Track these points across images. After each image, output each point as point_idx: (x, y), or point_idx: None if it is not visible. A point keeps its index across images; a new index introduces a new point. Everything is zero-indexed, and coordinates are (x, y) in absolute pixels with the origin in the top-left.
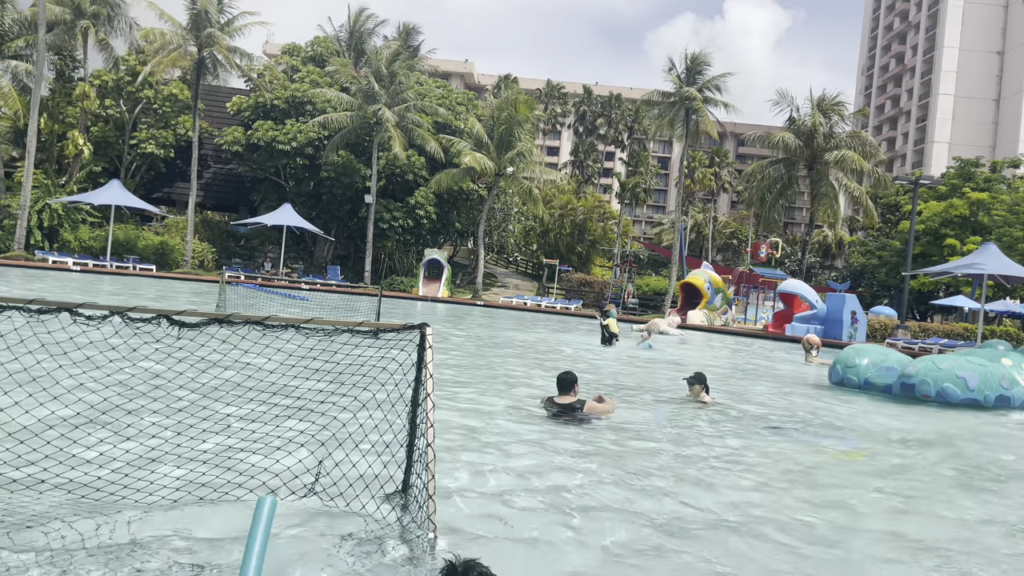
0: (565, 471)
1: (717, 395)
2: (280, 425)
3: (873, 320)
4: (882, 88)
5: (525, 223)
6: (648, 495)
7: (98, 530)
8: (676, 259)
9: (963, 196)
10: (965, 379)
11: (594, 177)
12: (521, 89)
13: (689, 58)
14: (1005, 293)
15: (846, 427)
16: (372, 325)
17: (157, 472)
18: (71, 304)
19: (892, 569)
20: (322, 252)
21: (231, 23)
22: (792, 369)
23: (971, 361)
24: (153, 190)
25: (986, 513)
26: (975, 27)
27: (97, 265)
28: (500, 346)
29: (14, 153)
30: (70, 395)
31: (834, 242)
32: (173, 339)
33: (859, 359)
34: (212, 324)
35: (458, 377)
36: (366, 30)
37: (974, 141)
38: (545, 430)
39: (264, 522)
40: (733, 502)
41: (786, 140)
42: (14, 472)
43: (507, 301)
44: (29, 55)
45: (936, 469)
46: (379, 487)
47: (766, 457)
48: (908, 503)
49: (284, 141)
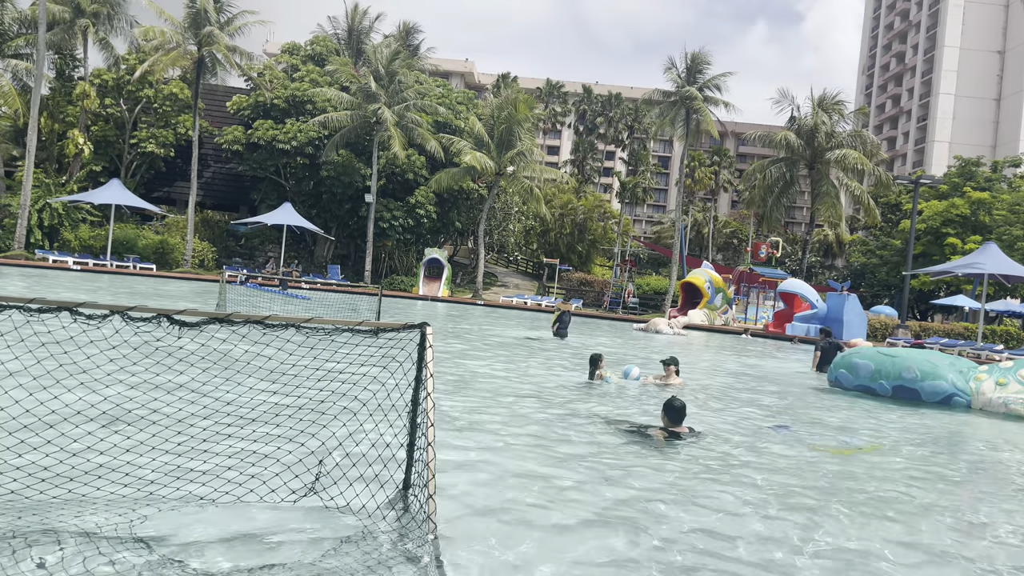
0: (567, 471)
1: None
2: (280, 424)
3: (874, 320)
4: (883, 87)
5: (525, 222)
6: (647, 496)
7: (98, 530)
8: (676, 258)
9: (964, 195)
10: (858, 366)
11: (594, 176)
12: (520, 88)
13: (689, 57)
14: (1006, 292)
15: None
16: (372, 325)
17: (156, 472)
18: (71, 303)
19: (890, 569)
20: (322, 251)
21: (231, 22)
22: (777, 365)
23: (883, 352)
24: (153, 189)
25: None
26: (976, 26)
27: (97, 264)
28: (500, 345)
29: (14, 152)
30: (70, 394)
31: (834, 241)
32: (174, 338)
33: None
34: (212, 324)
35: (458, 377)
36: (364, 28)
37: (975, 140)
38: (546, 430)
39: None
40: (732, 500)
41: (787, 139)
42: (14, 472)
43: (507, 300)
44: (29, 54)
45: (934, 470)
46: (379, 487)
47: (764, 456)
48: (886, 504)
49: (284, 140)
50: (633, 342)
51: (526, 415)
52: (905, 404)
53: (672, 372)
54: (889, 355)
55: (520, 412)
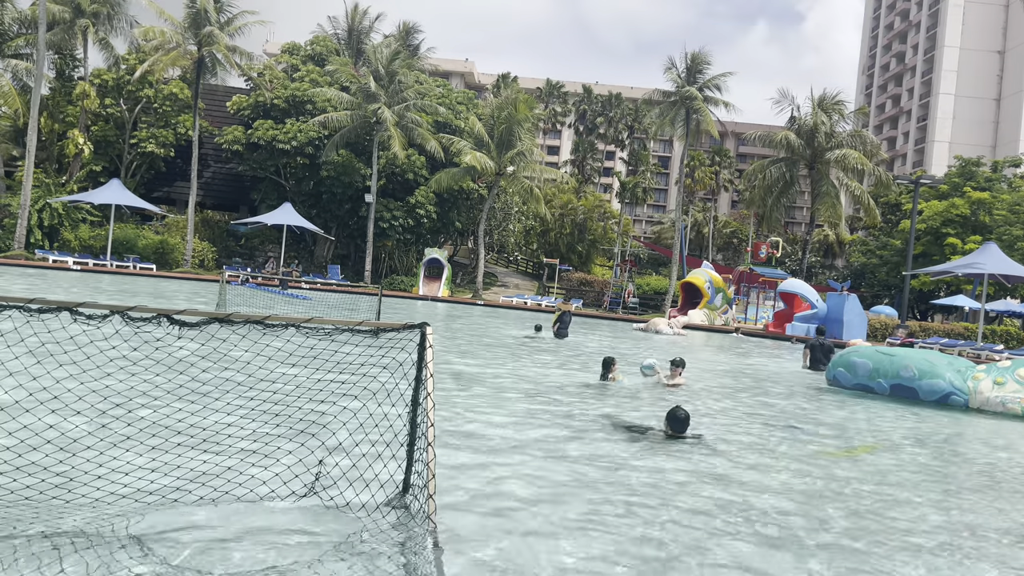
0: (567, 470)
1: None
2: (280, 424)
3: (874, 320)
4: (883, 87)
5: (525, 222)
6: (649, 496)
7: (96, 530)
8: (676, 258)
9: (964, 195)
10: (856, 365)
11: (594, 176)
12: (520, 88)
13: (689, 57)
14: (1006, 292)
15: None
16: (372, 325)
17: (156, 472)
18: (71, 303)
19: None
20: (322, 251)
21: (231, 22)
22: (779, 366)
23: (881, 351)
24: (153, 189)
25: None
26: (976, 26)
27: (97, 264)
28: (500, 345)
29: (14, 152)
30: (70, 394)
31: (834, 241)
32: (174, 338)
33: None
34: (212, 323)
35: (459, 377)
36: (364, 28)
37: (975, 140)
38: (547, 430)
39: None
40: (728, 500)
41: (787, 139)
42: (13, 472)
43: (507, 300)
44: (29, 54)
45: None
46: (379, 487)
47: (763, 454)
48: (882, 504)
49: (284, 140)
50: (633, 342)
51: (526, 415)
52: (902, 403)
53: (678, 373)
54: (887, 354)
55: (520, 412)
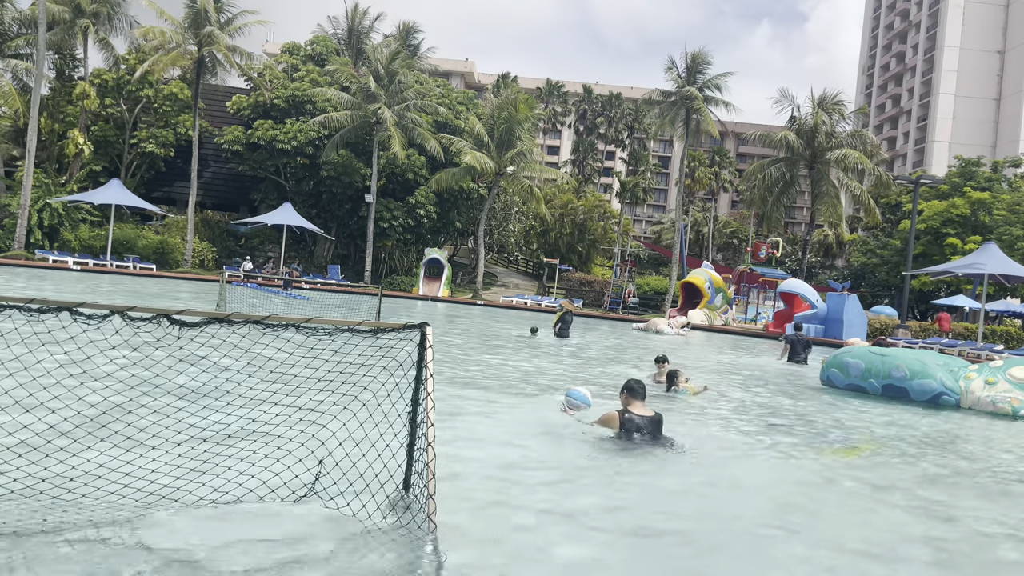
0: (568, 471)
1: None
2: (280, 425)
3: (874, 320)
4: (883, 87)
5: (525, 222)
6: (647, 497)
7: (96, 530)
8: (676, 258)
9: (964, 195)
10: (848, 366)
11: (594, 176)
12: (520, 88)
13: (689, 57)
14: (1006, 292)
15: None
16: (372, 325)
17: (156, 472)
18: (71, 303)
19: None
20: (322, 251)
21: (231, 22)
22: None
23: (873, 351)
24: (153, 189)
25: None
26: (976, 26)
27: (97, 264)
28: (500, 345)
29: (14, 152)
30: (70, 394)
31: (834, 241)
32: (173, 338)
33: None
34: (212, 323)
35: (459, 375)
36: (364, 28)
37: (975, 140)
38: (547, 429)
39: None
40: (730, 500)
41: (787, 139)
42: (13, 472)
43: (507, 300)
44: (29, 54)
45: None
46: (379, 487)
47: (762, 454)
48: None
49: (284, 140)
50: (633, 342)
51: (527, 415)
52: (893, 403)
53: (683, 379)
54: (879, 354)
55: (521, 412)
